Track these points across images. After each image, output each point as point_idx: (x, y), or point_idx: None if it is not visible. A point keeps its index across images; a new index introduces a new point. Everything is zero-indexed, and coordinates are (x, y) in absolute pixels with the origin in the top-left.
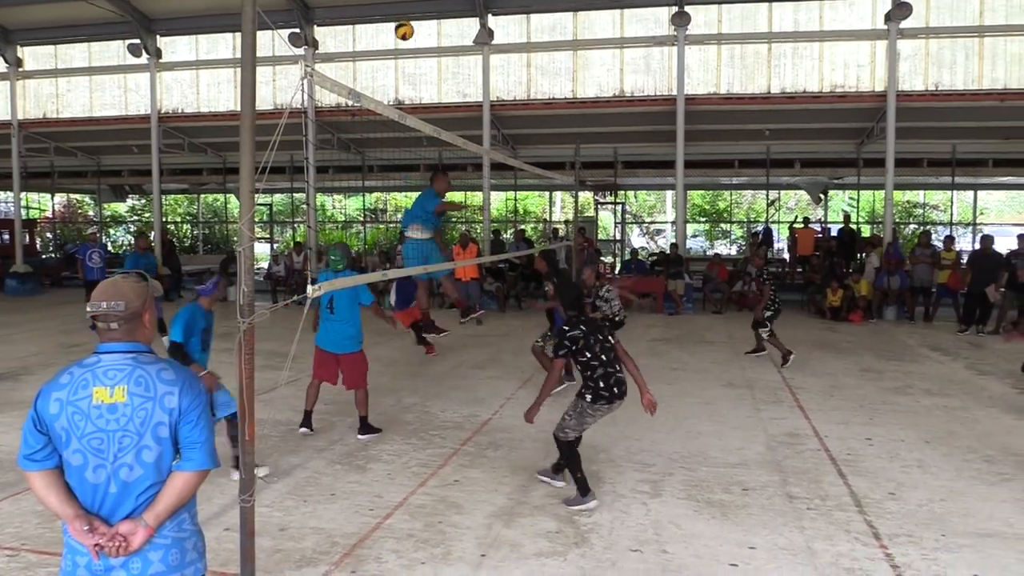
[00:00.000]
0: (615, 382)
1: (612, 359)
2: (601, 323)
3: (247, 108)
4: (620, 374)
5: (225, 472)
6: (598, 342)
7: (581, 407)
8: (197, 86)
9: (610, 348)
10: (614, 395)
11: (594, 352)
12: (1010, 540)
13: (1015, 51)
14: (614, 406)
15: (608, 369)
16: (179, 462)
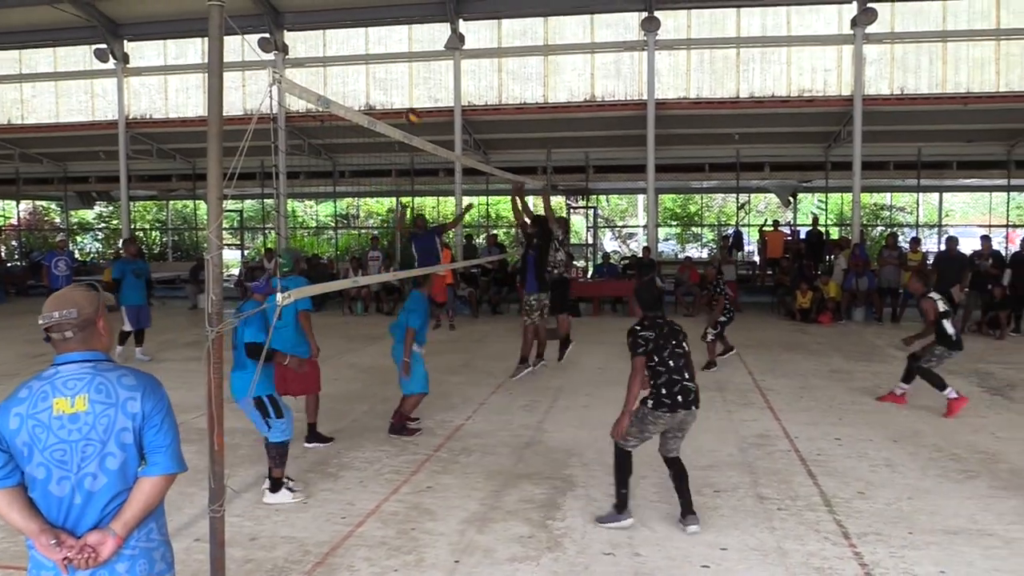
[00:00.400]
0: (680, 390)
1: (681, 367)
2: (678, 328)
3: (214, 114)
4: (688, 383)
5: (196, 482)
6: (668, 347)
7: (642, 412)
8: (165, 91)
9: (681, 355)
10: (677, 403)
11: (662, 357)
12: (975, 536)
13: (977, 56)
14: (677, 416)
15: (674, 376)
16: (145, 467)
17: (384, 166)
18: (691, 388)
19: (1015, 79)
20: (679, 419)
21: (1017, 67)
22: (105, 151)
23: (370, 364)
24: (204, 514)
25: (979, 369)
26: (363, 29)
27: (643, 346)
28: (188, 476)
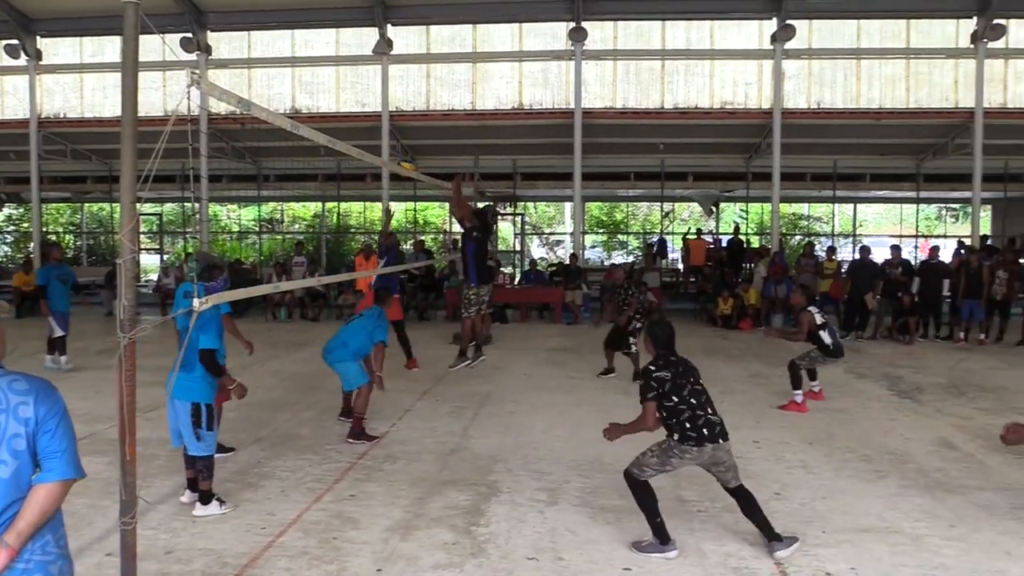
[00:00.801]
0: (704, 423)
1: (704, 402)
2: (693, 366)
3: (128, 114)
4: (712, 416)
5: (108, 494)
6: (688, 385)
7: (668, 445)
8: (81, 90)
9: (700, 391)
10: (703, 436)
11: (681, 396)
12: (883, 534)
13: (888, 73)
14: (705, 449)
15: (697, 412)
16: (40, 474)
17: (310, 170)
18: (715, 421)
19: (923, 96)
20: (708, 453)
21: (925, 85)
22: (15, 151)
23: (293, 371)
24: (116, 527)
25: (889, 373)
26: (289, 31)
27: (655, 390)
28: (100, 488)
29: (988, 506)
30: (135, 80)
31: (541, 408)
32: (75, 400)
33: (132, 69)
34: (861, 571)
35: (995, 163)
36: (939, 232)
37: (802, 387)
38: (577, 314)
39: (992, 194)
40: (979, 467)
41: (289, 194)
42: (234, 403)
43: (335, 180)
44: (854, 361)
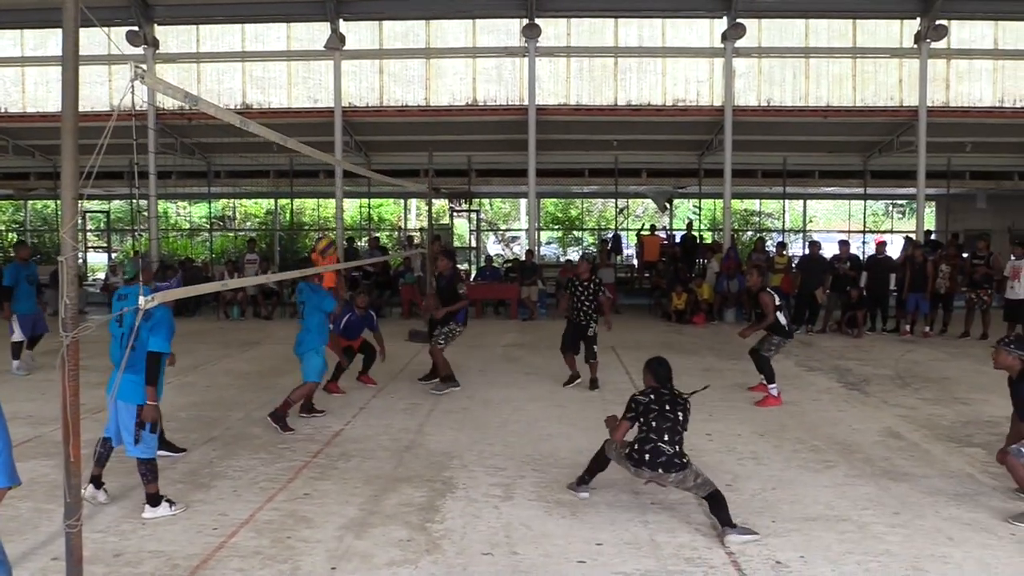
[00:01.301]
0: (651, 449)
1: (663, 430)
2: (681, 401)
3: (69, 109)
4: (665, 446)
5: (54, 498)
6: (657, 411)
7: (620, 452)
8: (23, 84)
9: (669, 419)
10: (643, 460)
11: (647, 419)
12: (831, 522)
13: (836, 71)
14: (642, 472)
15: (651, 436)
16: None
17: (262, 167)
18: (664, 451)
19: (870, 95)
20: (645, 476)
21: (872, 83)
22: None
23: (246, 370)
24: (62, 531)
25: (838, 366)
26: (239, 25)
27: (633, 411)
28: (46, 491)
29: (932, 493)
30: (76, 74)
31: (496, 404)
32: (20, 402)
33: (72, 63)
34: (809, 559)
35: (938, 160)
36: (886, 228)
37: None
38: (533, 310)
39: (936, 190)
40: (923, 456)
41: (241, 191)
42: (185, 401)
43: (288, 177)
44: (804, 354)
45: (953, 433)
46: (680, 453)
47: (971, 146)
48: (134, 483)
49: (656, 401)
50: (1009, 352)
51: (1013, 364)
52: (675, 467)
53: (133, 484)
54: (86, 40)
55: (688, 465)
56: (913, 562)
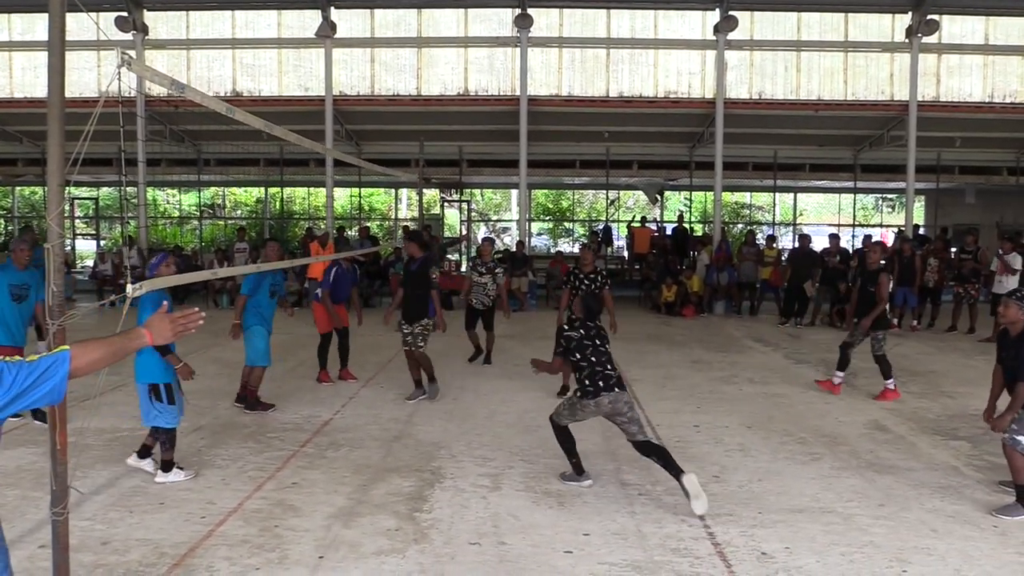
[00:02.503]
0: (601, 377)
1: (604, 360)
2: (605, 334)
3: (55, 94)
4: (609, 371)
5: (41, 486)
6: (592, 346)
7: (573, 400)
8: (10, 69)
9: (603, 352)
10: (598, 388)
11: (584, 354)
12: (816, 514)
13: (827, 65)
14: (602, 400)
15: (596, 368)
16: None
17: (252, 155)
18: (611, 375)
19: (860, 88)
20: (605, 404)
21: (862, 77)
22: None
23: (235, 359)
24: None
25: (826, 359)
26: (230, 12)
27: (563, 346)
28: (33, 479)
29: (916, 486)
30: (62, 60)
31: (485, 395)
32: None
33: (59, 48)
34: (795, 550)
35: (928, 155)
36: (875, 221)
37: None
38: (523, 301)
39: (925, 184)
40: (909, 448)
41: (231, 179)
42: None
43: (278, 165)
44: (793, 347)
45: (939, 426)
46: (618, 375)
47: (961, 141)
48: (122, 472)
49: (587, 336)
50: (1020, 306)
51: (1020, 319)
52: (623, 387)
53: (121, 473)
54: (74, 25)
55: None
56: (897, 554)
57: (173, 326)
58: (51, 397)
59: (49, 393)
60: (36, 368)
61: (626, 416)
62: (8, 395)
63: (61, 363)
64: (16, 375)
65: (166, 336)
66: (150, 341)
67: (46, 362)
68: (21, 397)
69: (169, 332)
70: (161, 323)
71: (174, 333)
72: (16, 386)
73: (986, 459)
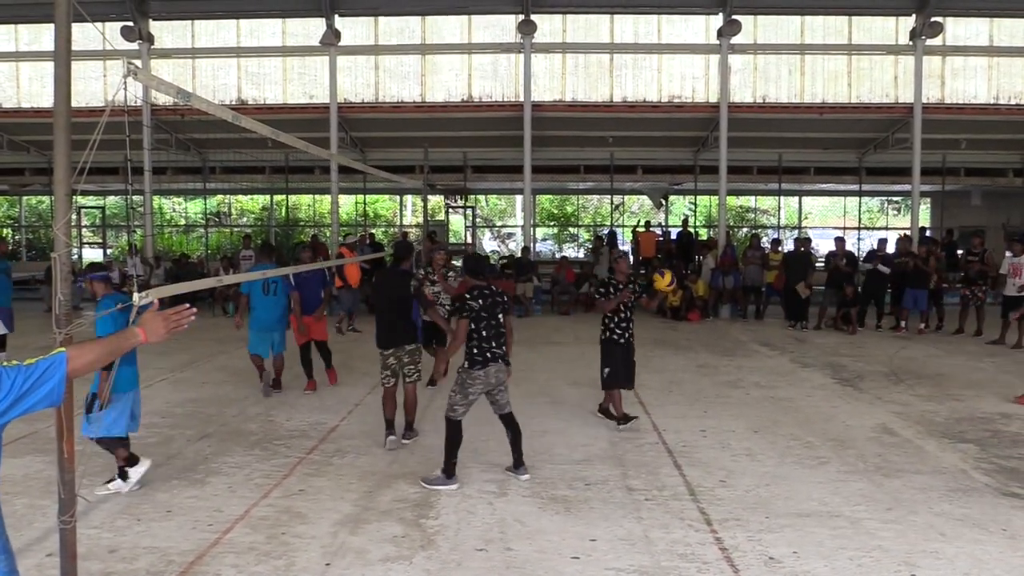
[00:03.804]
0: (488, 350)
1: (492, 336)
2: (501, 300)
3: (61, 105)
4: (497, 350)
5: (48, 494)
6: (486, 319)
7: (461, 377)
8: (17, 79)
9: (494, 326)
10: (487, 359)
11: (479, 327)
12: (824, 518)
13: (832, 68)
14: (489, 371)
15: (483, 344)
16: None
17: (257, 163)
18: (498, 353)
19: (865, 91)
20: (492, 374)
21: (867, 80)
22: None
23: (242, 367)
24: (57, 527)
25: (832, 362)
26: (234, 21)
27: (468, 312)
28: (41, 487)
29: (924, 489)
30: (68, 70)
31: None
32: None
33: (65, 58)
34: (803, 554)
35: (933, 157)
36: (881, 224)
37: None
38: (528, 307)
39: (931, 187)
40: (916, 452)
41: (236, 187)
42: (181, 397)
43: (283, 173)
44: (799, 351)
45: (946, 429)
46: (504, 352)
47: (966, 143)
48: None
49: (485, 307)
50: None
51: None
52: (508, 362)
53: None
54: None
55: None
56: (906, 557)
57: (166, 323)
58: (50, 399)
59: (48, 395)
60: (34, 371)
61: (502, 388)
62: (8, 399)
63: (59, 365)
64: (15, 379)
65: (160, 334)
66: (144, 340)
67: (44, 364)
68: (21, 401)
69: (163, 329)
70: (154, 321)
71: (167, 330)
72: (15, 390)
73: (994, 462)
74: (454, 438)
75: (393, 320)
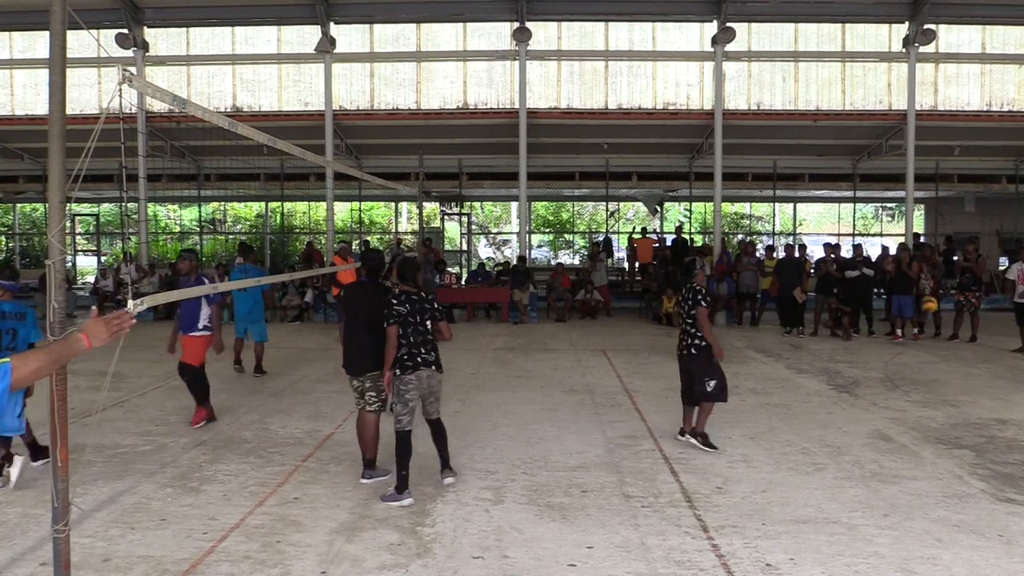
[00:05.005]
0: (417, 354)
1: (420, 343)
2: (428, 306)
3: (56, 112)
4: (427, 355)
5: (42, 503)
6: (413, 325)
7: (396, 386)
8: (11, 87)
9: (421, 333)
10: (417, 364)
11: (406, 332)
12: (821, 524)
13: (825, 75)
14: (421, 374)
15: (412, 350)
16: None
17: (252, 170)
18: (429, 359)
19: (859, 98)
20: (424, 378)
21: (861, 87)
22: None
23: (236, 374)
24: (50, 536)
25: (827, 368)
26: (229, 28)
27: (395, 318)
28: (34, 496)
29: (920, 495)
30: (63, 77)
31: (487, 407)
32: None
33: (59, 65)
34: (799, 561)
35: (927, 163)
36: (875, 231)
37: None
38: (524, 313)
39: (925, 193)
40: (912, 458)
41: (231, 194)
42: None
43: (278, 180)
44: (795, 357)
45: (942, 435)
46: (436, 359)
47: (959, 149)
48: (123, 488)
49: (411, 312)
50: None
51: None
52: (437, 366)
53: (122, 489)
54: (75, 43)
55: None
56: (902, 564)
57: (108, 328)
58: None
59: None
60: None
61: (435, 395)
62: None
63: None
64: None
65: (102, 338)
66: (88, 345)
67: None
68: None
69: (105, 334)
70: (96, 327)
71: (110, 335)
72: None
73: (990, 467)
74: (403, 449)
75: (366, 342)
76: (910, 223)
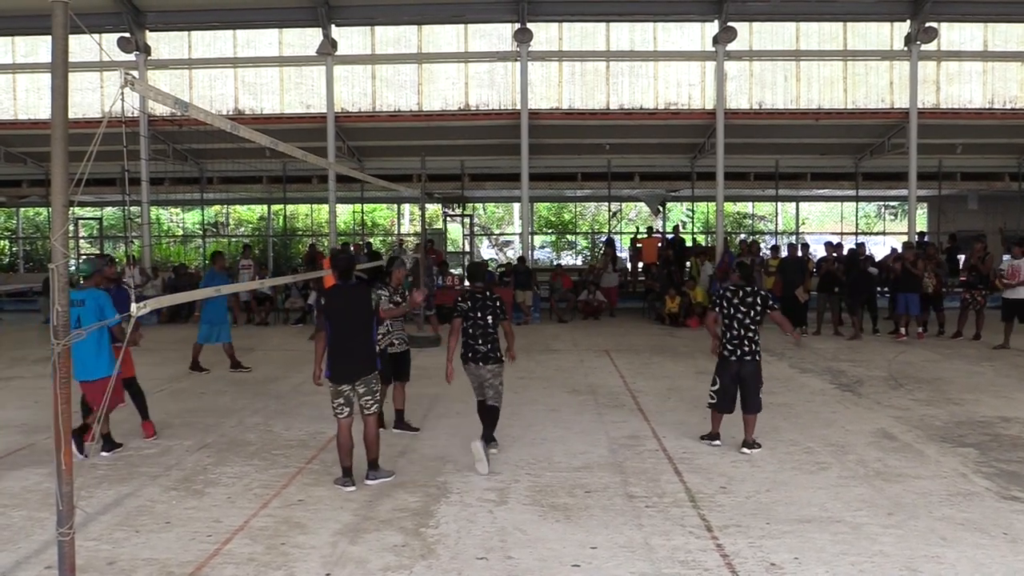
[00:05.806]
0: (471, 348)
1: (478, 335)
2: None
3: (59, 116)
4: (480, 346)
5: (47, 506)
6: (474, 318)
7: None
8: (14, 91)
9: (481, 326)
10: (467, 358)
11: (465, 326)
12: (825, 523)
13: (827, 74)
14: (470, 368)
15: (469, 341)
16: None
17: (255, 172)
18: (480, 350)
19: (860, 97)
20: (473, 369)
21: (862, 86)
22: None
23: (240, 377)
24: (55, 540)
25: (831, 367)
26: (231, 31)
27: (460, 312)
28: (39, 500)
29: (925, 494)
30: (65, 81)
31: None
32: (13, 410)
33: (62, 69)
34: (804, 560)
35: (930, 162)
36: (878, 229)
37: None
38: (527, 314)
39: (927, 192)
40: (916, 457)
41: (234, 197)
42: (179, 407)
43: (280, 182)
44: (798, 356)
45: (946, 434)
46: (493, 350)
47: (962, 147)
48: (127, 491)
49: (472, 308)
50: None
51: None
52: (491, 360)
53: (126, 492)
54: (78, 47)
55: (502, 362)
56: (907, 563)
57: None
58: None
59: None
60: None
61: (489, 384)
62: None
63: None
64: None
65: None
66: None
67: None
68: None
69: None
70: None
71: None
72: None
73: (994, 466)
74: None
75: (351, 347)
76: (913, 222)
